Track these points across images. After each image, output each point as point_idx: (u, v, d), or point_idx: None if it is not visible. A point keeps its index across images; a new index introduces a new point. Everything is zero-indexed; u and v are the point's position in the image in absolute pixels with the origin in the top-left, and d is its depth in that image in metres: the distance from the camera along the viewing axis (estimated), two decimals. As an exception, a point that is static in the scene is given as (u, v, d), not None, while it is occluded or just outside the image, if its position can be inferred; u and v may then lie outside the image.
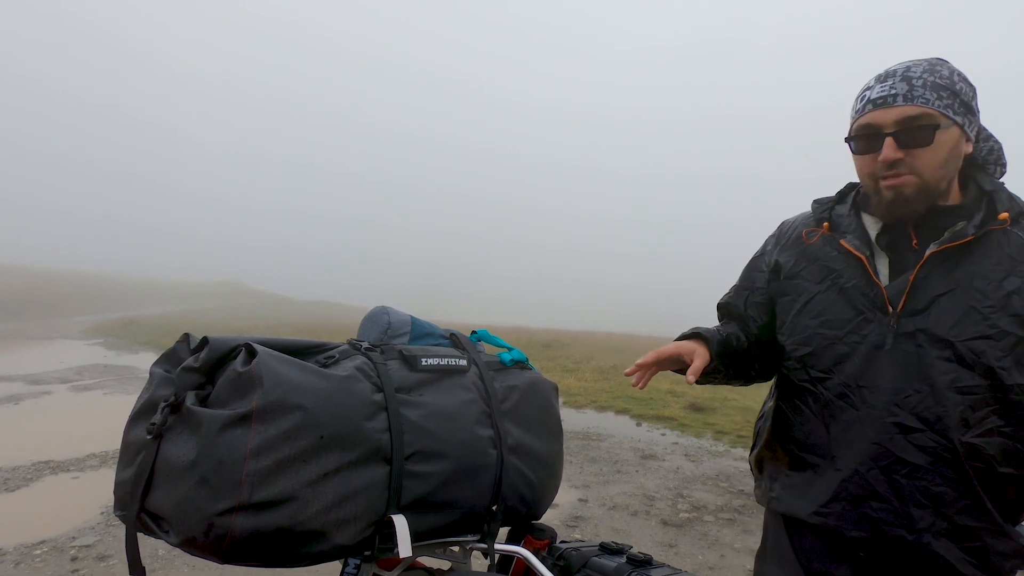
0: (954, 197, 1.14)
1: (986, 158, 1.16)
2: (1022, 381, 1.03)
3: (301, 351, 1.04)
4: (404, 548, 0.97)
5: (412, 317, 1.25)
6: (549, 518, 1.26)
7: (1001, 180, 1.16)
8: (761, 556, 1.32)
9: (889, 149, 1.08)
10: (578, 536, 3.82)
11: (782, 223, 1.36)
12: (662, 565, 1.15)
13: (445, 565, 1.22)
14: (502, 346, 1.32)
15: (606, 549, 1.22)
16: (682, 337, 1.25)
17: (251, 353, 0.94)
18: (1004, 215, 1.07)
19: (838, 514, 1.12)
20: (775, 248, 1.33)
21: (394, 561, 1.12)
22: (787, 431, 1.24)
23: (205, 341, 0.97)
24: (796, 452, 1.21)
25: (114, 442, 5.50)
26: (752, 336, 1.32)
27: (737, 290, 1.39)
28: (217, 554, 0.88)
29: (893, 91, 1.09)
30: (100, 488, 4.52)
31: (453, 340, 1.25)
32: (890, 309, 1.11)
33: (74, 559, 3.35)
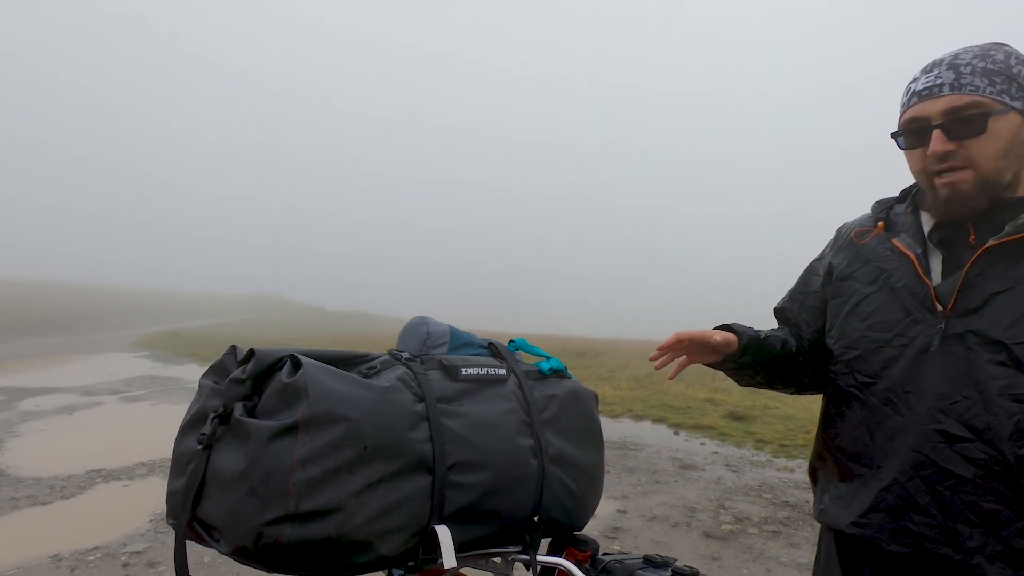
0: (1022, 189, 1.06)
1: None
2: None
3: (343, 362, 1.05)
4: (448, 559, 0.97)
5: (451, 327, 1.26)
6: (587, 529, 1.25)
7: None
8: (814, 572, 1.27)
9: (938, 142, 1.02)
10: (618, 548, 3.76)
11: (840, 226, 1.31)
12: None
13: (487, 576, 1.21)
14: (540, 355, 1.32)
15: (651, 562, 1.19)
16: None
17: (296, 364, 0.96)
18: None
19: (876, 525, 1.06)
20: (831, 251, 1.29)
21: (437, 572, 1.12)
22: (835, 439, 1.19)
23: (252, 353, 0.99)
24: (844, 461, 1.15)
25: (162, 451, 5.71)
26: (806, 342, 1.28)
27: (792, 294, 1.35)
28: (265, 563, 0.89)
29: (939, 80, 1.03)
30: (149, 496, 4.66)
31: (492, 349, 1.25)
32: (939, 308, 1.04)
33: (125, 565, 3.46)
